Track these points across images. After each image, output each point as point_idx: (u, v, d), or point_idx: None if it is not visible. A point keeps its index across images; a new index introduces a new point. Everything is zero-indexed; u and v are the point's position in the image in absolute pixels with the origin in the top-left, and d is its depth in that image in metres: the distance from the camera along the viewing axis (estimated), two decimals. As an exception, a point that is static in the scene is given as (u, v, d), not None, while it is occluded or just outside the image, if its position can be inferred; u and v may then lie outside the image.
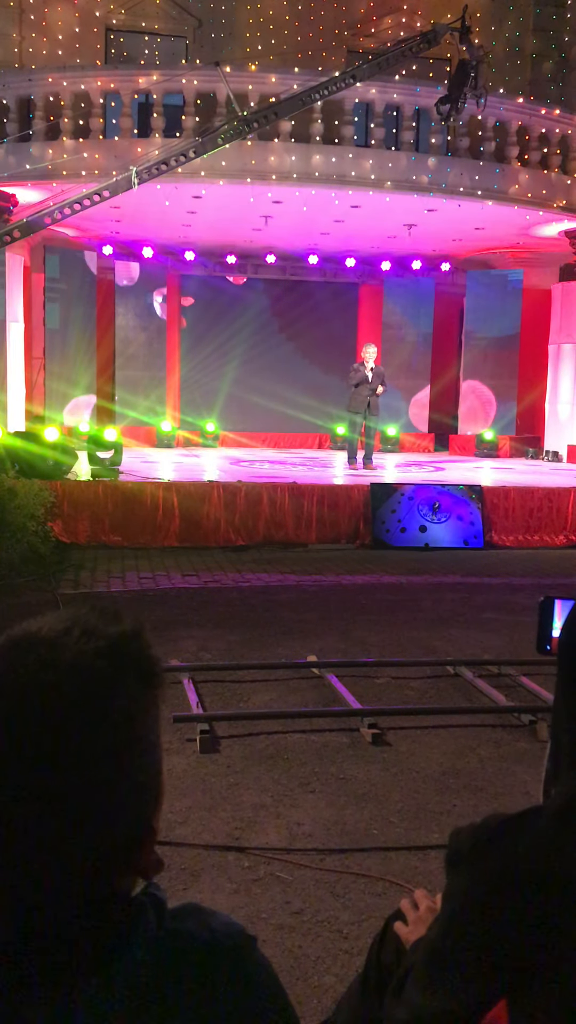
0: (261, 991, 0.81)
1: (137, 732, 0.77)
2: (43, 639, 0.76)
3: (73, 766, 0.73)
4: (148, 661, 0.80)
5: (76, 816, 0.73)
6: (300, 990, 2.47)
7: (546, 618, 1.71)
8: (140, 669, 0.78)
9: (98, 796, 0.74)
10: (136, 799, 0.78)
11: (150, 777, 0.80)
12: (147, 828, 0.80)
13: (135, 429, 15.02)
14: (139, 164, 9.99)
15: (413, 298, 16.29)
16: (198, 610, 6.74)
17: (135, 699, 0.77)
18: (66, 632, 0.77)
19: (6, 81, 12.05)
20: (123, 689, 0.76)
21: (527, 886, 0.87)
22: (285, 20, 15.90)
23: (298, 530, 9.64)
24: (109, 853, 0.75)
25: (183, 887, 2.96)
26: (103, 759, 0.74)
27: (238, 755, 4.07)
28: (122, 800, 0.76)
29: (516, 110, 12.49)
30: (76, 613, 0.80)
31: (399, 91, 11.97)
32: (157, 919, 0.78)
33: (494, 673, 5.29)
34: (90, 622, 0.79)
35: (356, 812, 3.55)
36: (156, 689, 0.80)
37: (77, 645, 0.76)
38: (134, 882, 0.80)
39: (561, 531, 10.22)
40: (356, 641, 5.98)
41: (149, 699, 0.79)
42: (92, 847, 0.74)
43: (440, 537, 9.83)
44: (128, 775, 0.76)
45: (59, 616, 0.80)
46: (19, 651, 0.76)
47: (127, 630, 0.79)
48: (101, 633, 0.78)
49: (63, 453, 9.87)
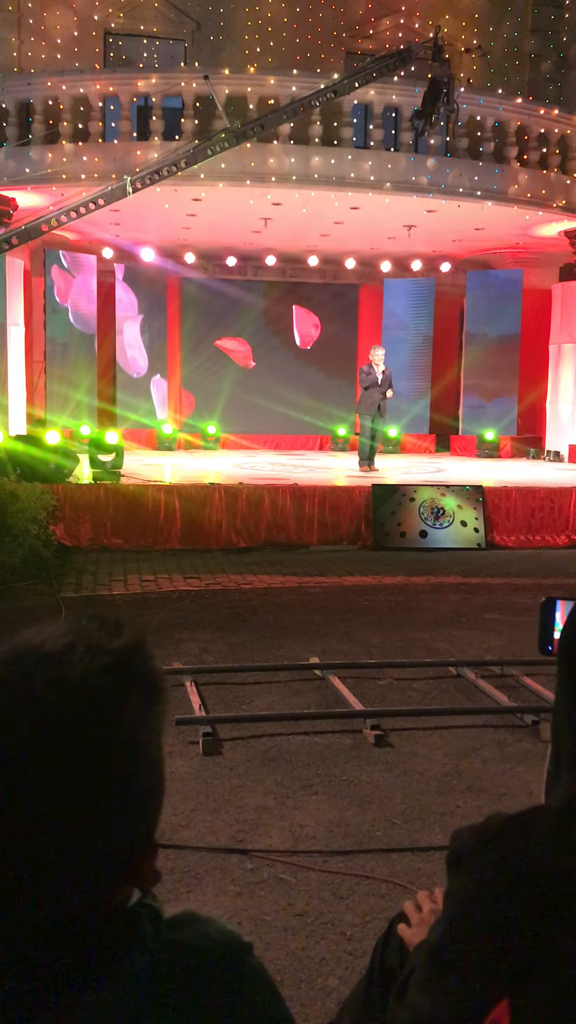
0: (258, 998, 0.81)
1: (141, 750, 0.77)
2: (48, 656, 0.75)
3: (77, 784, 0.72)
4: (152, 676, 0.79)
5: (77, 832, 0.72)
6: (304, 992, 2.47)
7: (548, 619, 1.70)
8: (145, 685, 0.78)
9: (100, 813, 0.73)
10: (137, 815, 0.77)
11: (152, 794, 0.80)
12: (147, 842, 0.79)
13: (136, 432, 15.03)
14: (133, 174, 10.08)
15: (413, 299, 16.29)
16: (200, 612, 6.74)
17: (141, 716, 0.77)
18: (70, 648, 0.76)
19: (5, 85, 12.06)
20: (130, 707, 0.76)
21: (529, 886, 0.87)
22: (283, 22, 15.92)
23: (300, 532, 9.64)
24: (108, 867, 0.75)
25: (187, 890, 2.96)
26: (107, 777, 0.74)
27: (241, 757, 4.07)
28: (124, 816, 0.75)
29: (515, 110, 12.49)
30: (77, 625, 0.79)
31: (398, 92, 11.98)
32: (153, 929, 0.78)
33: (496, 673, 5.28)
34: (93, 636, 0.78)
35: (359, 813, 3.54)
36: (161, 705, 0.80)
37: (83, 662, 0.75)
38: (131, 892, 0.80)
39: (563, 531, 10.21)
40: (358, 642, 5.98)
41: (154, 715, 0.79)
42: (92, 862, 0.73)
43: (441, 541, 9.82)
44: (131, 792, 0.76)
45: (60, 629, 0.79)
46: (23, 667, 0.75)
47: (131, 643, 0.79)
48: (106, 648, 0.77)
49: (64, 456, 9.88)
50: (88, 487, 9.50)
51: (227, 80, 11.62)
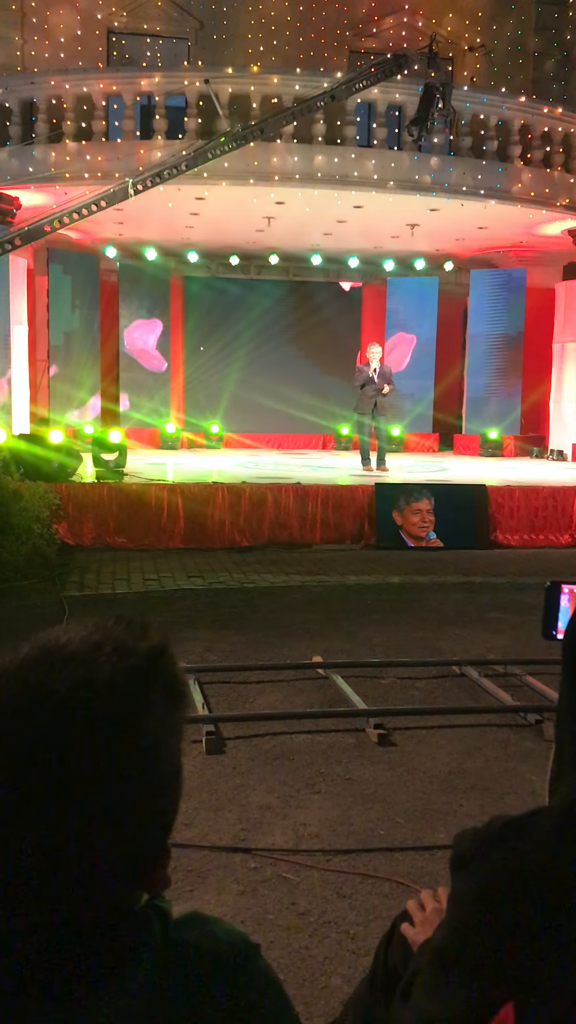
0: (265, 999, 0.81)
1: (162, 753, 0.77)
2: (73, 655, 0.75)
3: (95, 785, 0.72)
4: (176, 681, 0.79)
5: (91, 833, 0.72)
6: (307, 991, 2.47)
7: (552, 603, 1.70)
8: (169, 689, 0.78)
9: (117, 815, 0.73)
10: (153, 819, 0.77)
11: (169, 800, 0.80)
12: (160, 848, 0.79)
13: (139, 431, 15.03)
14: (135, 175, 10.12)
15: (416, 298, 16.27)
16: (203, 611, 6.74)
17: (163, 720, 0.77)
18: (96, 648, 0.76)
19: (8, 84, 12.07)
20: (153, 710, 0.76)
21: (533, 888, 0.87)
22: (286, 21, 15.91)
23: (303, 531, 9.63)
24: (121, 871, 0.75)
25: (190, 888, 2.96)
26: (126, 780, 0.73)
27: (244, 756, 4.07)
28: (140, 820, 0.75)
29: (518, 109, 12.48)
30: (104, 626, 0.79)
31: (401, 91, 11.96)
32: (162, 930, 0.78)
33: (500, 672, 5.28)
34: (119, 637, 0.78)
35: (362, 812, 3.54)
36: (183, 710, 0.80)
37: (109, 663, 0.75)
38: (141, 896, 0.80)
39: (566, 530, 10.20)
40: (361, 641, 5.98)
41: (175, 720, 0.79)
42: (104, 865, 0.73)
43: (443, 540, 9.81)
44: (148, 796, 0.76)
45: (87, 628, 0.79)
46: (48, 665, 0.74)
47: (157, 645, 0.79)
48: (132, 649, 0.77)
49: (68, 455, 9.89)
50: (91, 486, 9.51)
51: (230, 79, 11.62)
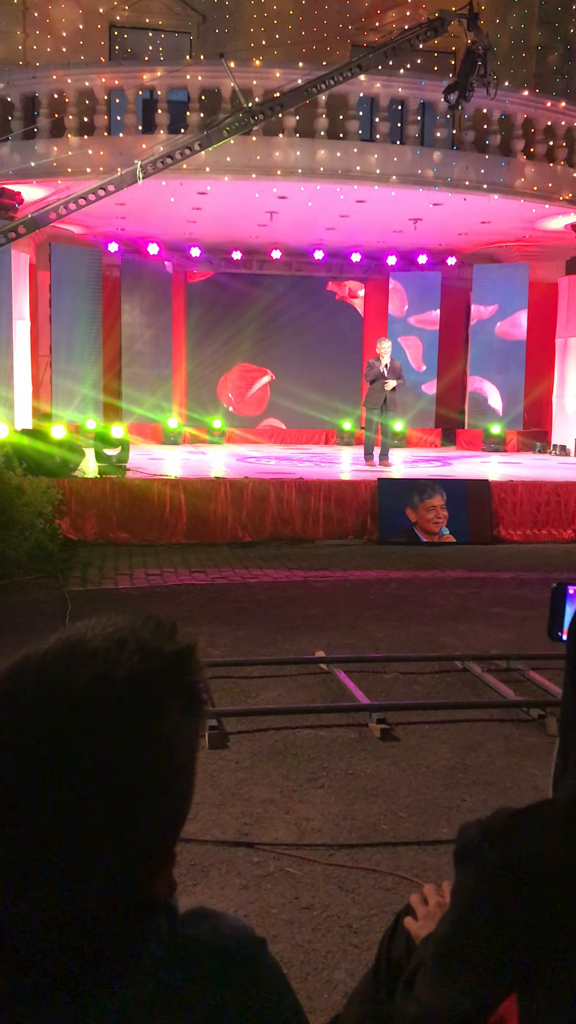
0: (272, 994, 0.81)
1: (174, 759, 0.76)
2: (96, 651, 0.75)
3: (108, 784, 0.72)
4: (195, 688, 0.78)
5: (97, 833, 0.72)
6: (311, 985, 2.47)
7: (558, 605, 1.69)
8: (188, 695, 0.77)
9: (124, 816, 0.73)
10: (161, 823, 0.77)
11: (180, 807, 0.79)
12: (167, 853, 0.79)
13: (141, 426, 15.04)
14: (144, 159, 10.01)
15: (419, 292, 16.25)
16: (206, 606, 6.74)
17: (178, 726, 0.76)
18: (120, 645, 0.75)
19: (11, 79, 12.06)
20: (170, 715, 0.75)
21: (536, 880, 0.87)
22: (289, 15, 15.87)
23: (305, 526, 9.63)
24: (127, 873, 0.74)
25: (193, 883, 2.97)
26: (134, 782, 0.73)
27: (247, 751, 4.07)
28: (144, 821, 0.74)
29: (521, 103, 12.45)
30: (132, 623, 0.79)
31: (404, 85, 11.94)
32: (168, 925, 0.78)
33: (503, 667, 5.28)
34: (145, 636, 0.77)
35: (365, 807, 3.55)
36: (200, 718, 0.79)
37: (131, 662, 0.74)
38: (145, 894, 0.79)
39: (569, 525, 10.19)
40: (364, 636, 5.98)
41: (192, 727, 0.78)
42: (111, 867, 0.73)
43: (446, 536, 9.81)
44: (160, 800, 0.75)
45: (115, 624, 0.78)
46: (70, 659, 0.74)
47: (182, 649, 0.78)
48: (156, 651, 0.76)
49: (70, 451, 9.89)
50: (94, 481, 9.51)
51: (233, 72, 11.58)
